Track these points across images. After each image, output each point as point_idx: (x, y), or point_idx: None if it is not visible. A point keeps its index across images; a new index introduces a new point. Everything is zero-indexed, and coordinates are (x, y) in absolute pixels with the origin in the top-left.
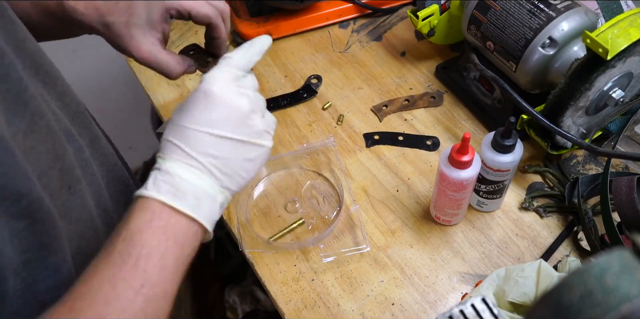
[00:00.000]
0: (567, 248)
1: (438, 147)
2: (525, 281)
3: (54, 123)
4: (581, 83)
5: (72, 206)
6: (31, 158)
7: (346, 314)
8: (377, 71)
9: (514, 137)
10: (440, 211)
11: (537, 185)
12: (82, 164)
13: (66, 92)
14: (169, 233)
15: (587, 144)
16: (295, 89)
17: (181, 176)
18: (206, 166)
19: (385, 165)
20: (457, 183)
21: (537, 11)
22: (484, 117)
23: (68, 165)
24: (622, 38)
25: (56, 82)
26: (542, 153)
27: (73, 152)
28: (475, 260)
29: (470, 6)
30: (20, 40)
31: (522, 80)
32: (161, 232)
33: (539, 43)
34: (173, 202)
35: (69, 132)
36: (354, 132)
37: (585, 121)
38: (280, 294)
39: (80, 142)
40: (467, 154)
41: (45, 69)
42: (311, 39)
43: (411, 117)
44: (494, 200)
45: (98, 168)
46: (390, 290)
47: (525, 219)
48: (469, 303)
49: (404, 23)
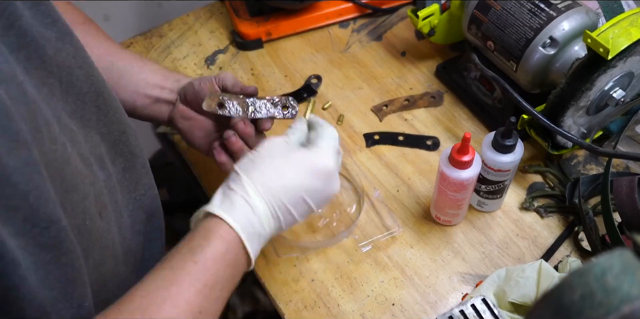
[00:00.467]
0: (568, 249)
1: (438, 147)
2: (525, 282)
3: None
4: (582, 83)
5: (102, 233)
6: None
7: (346, 314)
8: (377, 71)
9: (514, 137)
10: (440, 211)
11: (538, 185)
12: (110, 191)
13: (115, 121)
14: (233, 266)
15: (587, 144)
16: (295, 89)
17: (262, 219)
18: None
19: (386, 165)
20: (457, 183)
21: (537, 11)
22: (485, 117)
23: (99, 190)
24: (623, 37)
25: (109, 110)
26: (543, 153)
27: (103, 179)
28: (475, 260)
29: (470, 6)
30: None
31: (523, 80)
32: (229, 265)
33: (539, 43)
34: (247, 243)
35: (101, 159)
36: (354, 132)
37: (586, 121)
38: (280, 294)
39: (110, 169)
40: (468, 154)
41: (104, 97)
42: (311, 38)
43: (411, 117)
44: (495, 200)
45: (125, 196)
46: (390, 290)
47: (526, 219)
48: (469, 304)
49: (404, 23)
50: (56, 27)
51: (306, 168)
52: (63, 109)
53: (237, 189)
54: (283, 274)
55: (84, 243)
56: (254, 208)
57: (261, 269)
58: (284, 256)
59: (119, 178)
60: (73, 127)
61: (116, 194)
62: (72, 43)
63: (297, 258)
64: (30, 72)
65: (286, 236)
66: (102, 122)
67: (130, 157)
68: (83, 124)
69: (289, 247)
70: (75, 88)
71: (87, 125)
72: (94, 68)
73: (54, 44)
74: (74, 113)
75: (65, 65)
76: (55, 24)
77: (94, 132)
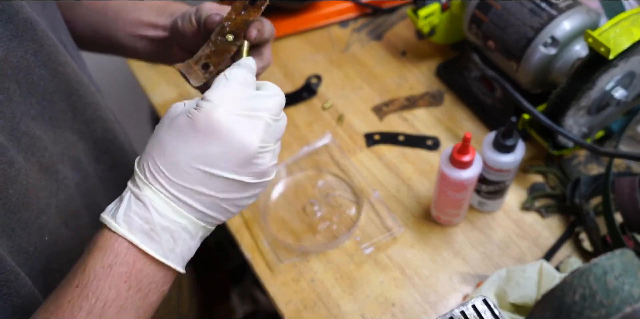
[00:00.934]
0: (569, 249)
1: (439, 146)
2: (526, 282)
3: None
4: (583, 83)
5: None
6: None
7: (346, 314)
8: (378, 71)
9: (515, 137)
10: (441, 211)
11: (539, 185)
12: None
13: (96, 119)
14: (132, 280)
15: (588, 144)
16: (295, 89)
17: (159, 211)
18: (192, 205)
19: (386, 165)
20: (457, 183)
21: (538, 10)
22: (485, 117)
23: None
24: (624, 37)
25: (87, 108)
26: (544, 153)
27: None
28: (476, 261)
29: (471, 5)
30: (59, 64)
31: (524, 80)
32: (122, 280)
33: (540, 42)
34: (144, 245)
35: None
36: (354, 132)
37: (587, 121)
38: (280, 295)
39: (88, 169)
40: (468, 154)
41: (79, 94)
42: (311, 38)
43: (412, 117)
44: (495, 200)
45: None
46: (390, 291)
47: (527, 219)
48: (470, 304)
49: (405, 22)
50: (12, 23)
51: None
52: (25, 113)
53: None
54: (283, 274)
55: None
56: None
57: (261, 270)
58: (286, 262)
59: (103, 176)
60: (37, 132)
61: (94, 196)
62: (34, 39)
63: (284, 254)
64: None
65: (287, 241)
66: (80, 120)
67: (119, 154)
68: (53, 125)
69: (290, 251)
70: (39, 88)
71: (58, 126)
72: (65, 64)
73: (6, 43)
74: (40, 116)
75: (22, 65)
76: (11, 20)
77: (69, 132)
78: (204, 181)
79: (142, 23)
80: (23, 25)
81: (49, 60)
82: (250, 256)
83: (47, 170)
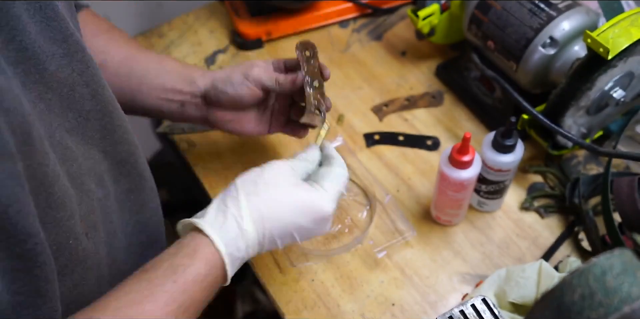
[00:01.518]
0: (568, 249)
1: (438, 146)
2: (526, 282)
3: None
4: (582, 83)
5: (88, 253)
6: None
7: (346, 314)
8: (378, 71)
9: (514, 137)
10: (440, 211)
11: (538, 185)
12: (104, 210)
13: (123, 141)
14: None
15: (588, 144)
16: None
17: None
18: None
19: (386, 165)
20: (457, 183)
21: (537, 11)
22: (485, 117)
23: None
24: (623, 37)
25: (116, 130)
26: (543, 153)
27: (99, 197)
28: (475, 260)
29: (471, 5)
30: (100, 86)
31: (523, 80)
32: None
33: (539, 42)
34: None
35: (101, 177)
36: (354, 132)
37: (586, 121)
38: (280, 294)
39: (110, 188)
40: (468, 154)
41: (112, 116)
42: (311, 38)
43: (411, 117)
44: (495, 200)
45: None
46: (390, 291)
47: (526, 219)
48: (469, 304)
49: (405, 22)
50: (66, 43)
51: (304, 208)
52: (61, 125)
53: (232, 209)
54: (283, 274)
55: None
56: (244, 233)
57: (261, 270)
58: (298, 265)
59: (121, 198)
60: (70, 144)
61: (111, 214)
62: (82, 60)
63: (297, 258)
64: (28, 86)
65: (301, 245)
66: (108, 140)
67: (138, 179)
68: (84, 141)
69: (303, 255)
70: (77, 105)
71: (88, 142)
72: (105, 87)
73: (58, 60)
74: (74, 130)
75: (68, 82)
76: (66, 40)
77: (95, 150)
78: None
79: (167, 89)
80: (75, 46)
81: (92, 81)
82: None
83: (74, 180)
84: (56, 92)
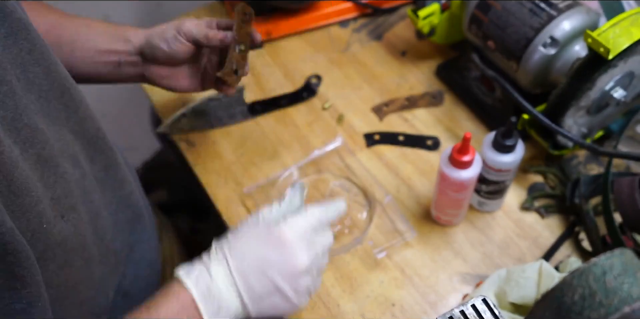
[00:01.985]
0: (569, 249)
1: (439, 146)
2: (526, 282)
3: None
4: (582, 83)
5: (66, 235)
6: None
7: (346, 314)
8: (378, 71)
9: (515, 137)
10: (440, 211)
11: (538, 185)
12: (83, 191)
13: (87, 117)
14: None
15: (588, 144)
16: (295, 89)
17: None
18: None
19: (386, 165)
20: (457, 183)
21: (538, 10)
22: (485, 117)
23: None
24: (623, 37)
25: (79, 106)
26: (543, 153)
27: (76, 178)
28: (476, 261)
29: (471, 5)
30: (51, 63)
31: (524, 80)
32: None
33: (540, 42)
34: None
35: (75, 158)
36: (354, 132)
37: (586, 121)
38: None
39: (86, 168)
40: (468, 154)
41: (71, 93)
42: (311, 38)
43: (412, 117)
44: (495, 200)
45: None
46: (390, 291)
47: (526, 219)
48: (469, 304)
49: (405, 22)
50: (7, 22)
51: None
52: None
53: (204, 259)
54: None
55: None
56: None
57: None
58: None
59: (99, 176)
60: (40, 125)
61: (92, 193)
62: (27, 38)
63: None
64: None
65: None
66: (73, 119)
67: (110, 154)
68: (52, 122)
69: None
70: (35, 86)
71: (56, 123)
72: (57, 64)
73: (2, 40)
74: (40, 111)
75: (18, 62)
76: (7, 19)
77: (65, 130)
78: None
79: (101, 51)
80: (17, 24)
81: (42, 59)
82: None
83: (46, 162)
84: (11, 72)
